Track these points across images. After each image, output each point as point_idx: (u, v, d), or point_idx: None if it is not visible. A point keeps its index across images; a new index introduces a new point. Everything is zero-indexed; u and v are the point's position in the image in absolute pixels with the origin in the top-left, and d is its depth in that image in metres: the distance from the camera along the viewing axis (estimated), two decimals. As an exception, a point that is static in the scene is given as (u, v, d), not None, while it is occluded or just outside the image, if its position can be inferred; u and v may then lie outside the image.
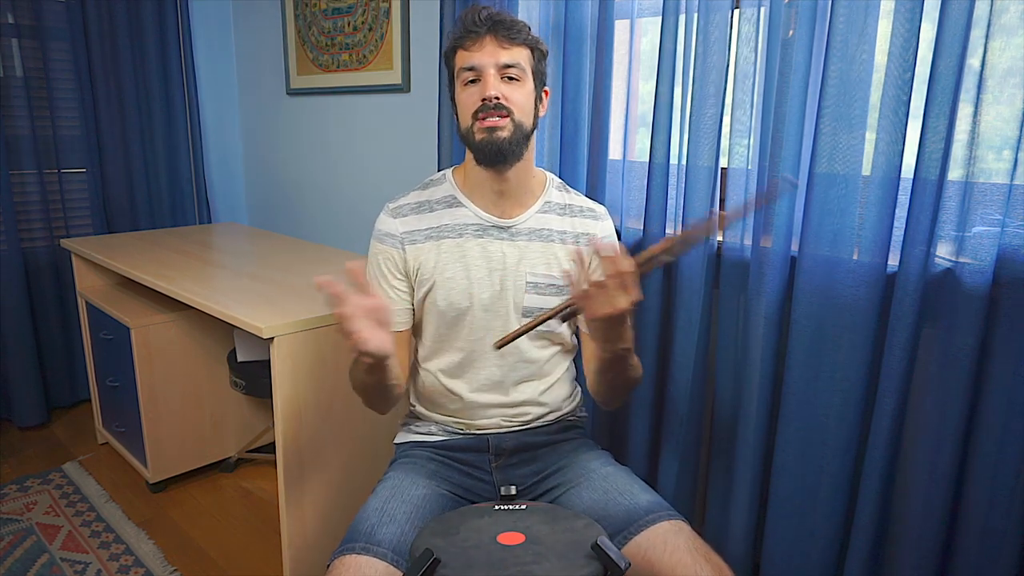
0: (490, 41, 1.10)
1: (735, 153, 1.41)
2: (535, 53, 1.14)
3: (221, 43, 2.92)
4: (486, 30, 1.10)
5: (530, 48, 1.13)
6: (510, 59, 1.11)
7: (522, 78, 1.12)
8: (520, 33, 1.12)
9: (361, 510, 1.10)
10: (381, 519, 1.06)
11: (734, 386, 1.48)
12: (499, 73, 1.11)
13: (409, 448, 1.27)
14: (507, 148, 1.12)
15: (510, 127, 1.11)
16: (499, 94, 1.09)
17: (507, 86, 1.11)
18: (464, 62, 1.12)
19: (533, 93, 1.15)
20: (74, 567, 1.76)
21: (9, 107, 2.40)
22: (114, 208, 2.69)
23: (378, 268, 1.22)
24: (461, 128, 1.15)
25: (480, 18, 1.11)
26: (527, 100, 1.13)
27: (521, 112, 1.12)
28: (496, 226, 1.20)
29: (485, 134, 1.11)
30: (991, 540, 1.17)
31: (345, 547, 1.02)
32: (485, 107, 1.10)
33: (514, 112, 1.11)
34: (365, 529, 1.04)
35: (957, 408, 1.16)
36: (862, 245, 1.24)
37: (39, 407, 2.52)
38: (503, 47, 1.10)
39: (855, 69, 1.21)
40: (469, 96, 1.12)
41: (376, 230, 1.23)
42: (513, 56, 1.11)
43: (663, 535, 1.03)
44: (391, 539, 1.02)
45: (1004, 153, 1.11)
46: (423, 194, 1.24)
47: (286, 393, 1.52)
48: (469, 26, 1.11)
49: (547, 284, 1.21)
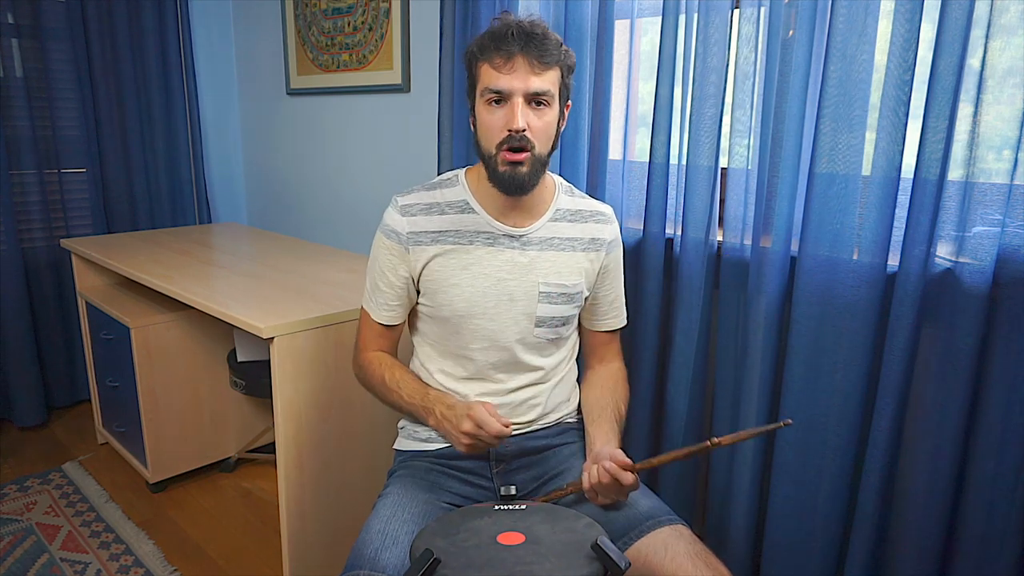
0: (522, 64, 1.05)
1: (735, 153, 1.41)
2: (564, 71, 1.10)
3: (221, 43, 2.92)
4: (519, 49, 1.04)
5: (560, 68, 1.09)
6: (540, 87, 1.06)
7: (550, 103, 1.09)
8: (553, 54, 1.06)
9: (363, 531, 1.08)
10: (384, 542, 1.04)
11: (734, 386, 1.48)
12: (527, 99, 1.06)
13: (409, 458, 1.26)
14: (527, 182, 1.11)
15: (530, 160, 1.09)
16: (525, 125, 1.06)
17: (534, 113, 1.08)
18: (492, 82, 1.07)
19: (557, 116, 1.12)
20: (74, 567, 1.76)
21: (9, 107, 2.40)
22: (114, 208, 2.69)
23: (380, 261, 1.21)
24: (482, 149, 1.12)
25: (513, 34, 1.05)
26: (551, 126, 1.10)
27: (542, 142, 1.10)
28: (507, 235, 1.18)
29: (508, 168, 1.09)
30: (991, 540, 1.16)
31: (349, 574, 1.01)
32: (511, 140, 1.07)
33: (536, 146, 1.08)
34: (369, 554, 1.03)
35: (957, 408, 1.16)
36: (862, 245, 1.24)
37: (39, 407, 2.52)
38: (535, 72, 1.05)
39: (855, 69, 1.21)
40: (495, 120, 1.08)
41: (383, 224, 1.21)
42: (544, 83, 1.06)
43: (664, 540, 1.02)
44: (396, 563, 1.01)
45: (1004, 153, 1.11)
46: (435, 195, 1.21)
47: (286, 393, 1.52)
48: (500, 41, 1.05)
49: (559, 293, 1.20)
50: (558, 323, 1.21)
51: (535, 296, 1.19)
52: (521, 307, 1.19)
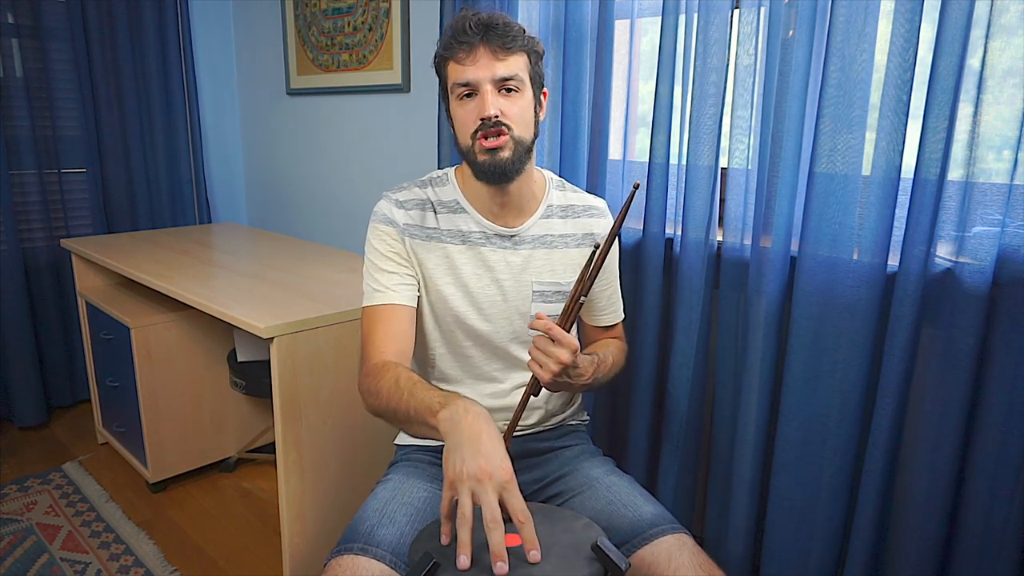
0: (484, 52, 1.04)
1: (735, 153, 1.40)
2: (531, 57, 1.10)
3: (221, 43, 2.92)
4: (479, 39, 1.04)
5: (527, 53, 1.08)
6: (507, 71, 1.05)
7: (520, 88, 1.08)
8: (515, 39, 1.06)
9: (360, 510, 1.09)
10: (381, 520, 1.05)
11: (734, 386, 1.48)
12: (496, 87, 1.05)
13: (411, 451, 1.26)
14: (510, 168, 1.09)
15: (510, 144, 1.07)
16: (498, 111, 1.05)
17: (505, 99, 1.07)
18: (458, 77, 1.06)
19: (532, 101, 1.11)
20: (74, 567, 1.76)
21: (9, 107, 2.39)
22: (114, 208, 2.69)
23: (380, 247, 1.17)
24: (460, 144, 1.11)
25: (471, 26, 1.04)
26: (526, 111, 1.09)
27: (520, 126, 1.08)
28: (499, 235, 1.18)
29: (487, 155, 1.07)
30: (991, 540, 1.16)
31: (343, 547, 1.01)
32: (484, 126, 1.06)
33: (513, 128, 1.07)
34: (364, 530, 1.03)
35: (957, 408, 1.16)
36: (862, 245, 1.24)
37: (39, 407, 2.52)
38: (499, 59, 1.04)
39: (855, 69, 1.21)
40: (467, 113, 1.08)
41: (376, 213, 1.18)
42: (510, 68, 1.05)
43: (667, 550, 1.01)
44: (390, 540, 1.02)
45: (1004, 153, 1.11)
46: (426, 192, 1.20)
47: (286, 393, 1.52)
48: (460, 36, 1.05)
49: (553, 291, 1.20)
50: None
51: (529, 296, 1.18)
52: (515, 307, 1.18)
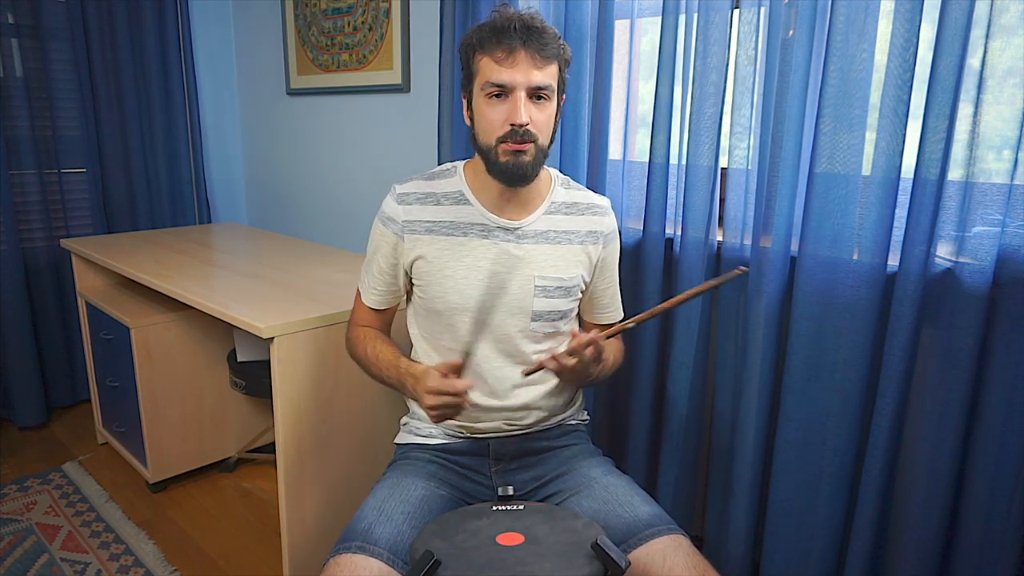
0: (524, 57, 1.05)
1: (735, 153, 1.41)
2: (561, 64, 1.11)
3: (221, 43, 2.92)
4: (521, 42, 1.04)
5: (559, 61, 1.10)
6: (543, 81, 1.06)
7: (550, 97, 1.09)
8: (552, 48, 1.07)
9: (359, 509, 1.09)
10: (379, 518, 1.05)
11: (734, 386, 1.48)
12: (529, 94, 1.06)
13: (409, 450, 1.26)
14: (530, 172, 1.11)
15: (533, 151, 1.09)
16: (528, 119, 1.06)
17: (535, 107, 1.08)
18: (493, 76, 1.06)
19: (556, 109, 1.12)
20: (74, 567, 1.76)
21: (9, 107, 2.39)
22: (114, 208, 2.69)
23: (374, 247, 1.24)
24: (480, 142, 1.12)
25: (515, 27, 1.04)
26: (551, 119, 1.11)
27: (544, 134, 1.10)
28: (502, 227, 1.18)
29: (510, 157, 1.08)
30: (991, 540, 1.17)
31: (341, 546, 1.02)
32: (514, 134, 1.06)
33: (539, 137, 1.09)
34: (362, 528, 1.04)
35: (957, 408, 1.16)
36: (862, 245, 1.24)
37: (39, 407, 2.52)
38: (537, 66, 1.05)
39: (855, 69, 1.21)
40: (496, 114, 1.08)
41: (381, 211, 1.22)
42: (545, 77, 1.07)
43: (662, 550, 1.02)
44: (388, 539, 1.02)
45: (1004, 153, 1.11)
46: (431, 185, 1.21)
47: (286, 393, 1.52)
48: (502, 34, 1.05)
49: (555, 287, 1.20)
50: (555, 317, 1.21)
51: (530, 290, 1.18)
52: (516, 300, 1.18)
